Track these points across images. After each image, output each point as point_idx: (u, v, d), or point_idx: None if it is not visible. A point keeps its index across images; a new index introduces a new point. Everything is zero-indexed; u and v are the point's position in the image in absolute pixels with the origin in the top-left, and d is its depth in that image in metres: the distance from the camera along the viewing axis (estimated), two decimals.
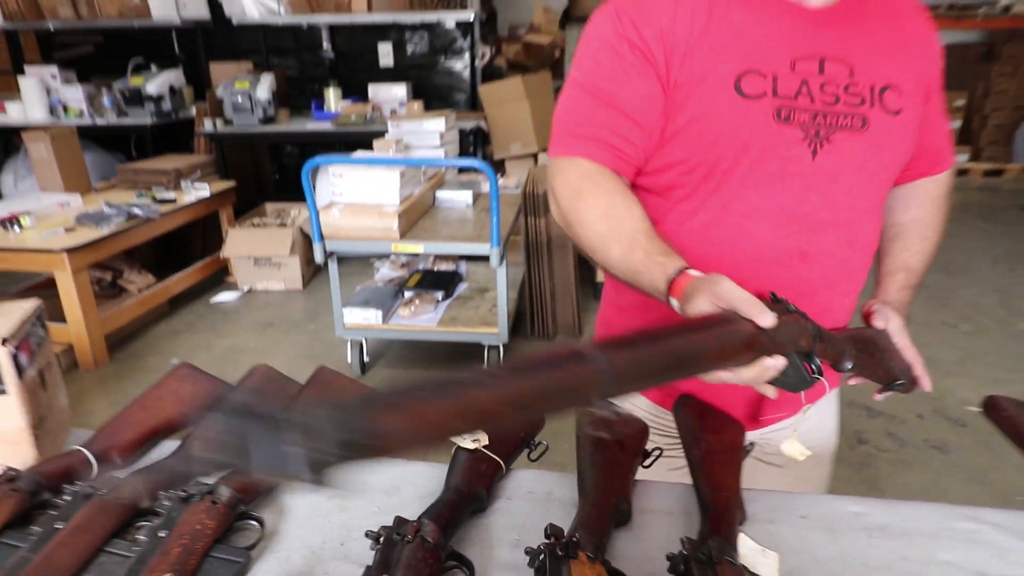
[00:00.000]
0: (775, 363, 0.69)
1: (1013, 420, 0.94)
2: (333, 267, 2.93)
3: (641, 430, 0.93)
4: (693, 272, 0.77)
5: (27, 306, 0.92)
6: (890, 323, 0.95)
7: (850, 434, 2.57)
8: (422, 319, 3.11)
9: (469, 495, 0.82)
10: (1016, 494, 2.20)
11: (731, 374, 0.69)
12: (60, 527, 0.72)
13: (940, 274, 4.32)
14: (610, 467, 0.86)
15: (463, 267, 3.65)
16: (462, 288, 3.45)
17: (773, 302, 0.74)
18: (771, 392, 0.74)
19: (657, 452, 0.93)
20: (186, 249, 4.43)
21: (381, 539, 0.70)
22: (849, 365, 0.83)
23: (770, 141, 0.89)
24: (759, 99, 0.88)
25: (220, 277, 4.33)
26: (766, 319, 0.67)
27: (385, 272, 3.61)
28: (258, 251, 4.11)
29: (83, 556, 0.70)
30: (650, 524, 0.83)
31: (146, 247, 3.98)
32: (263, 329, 3.73)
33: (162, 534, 0.71)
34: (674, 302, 0.76)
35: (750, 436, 1.00)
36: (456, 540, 0.77)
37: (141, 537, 0.72)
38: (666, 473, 0.94)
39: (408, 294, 3.26)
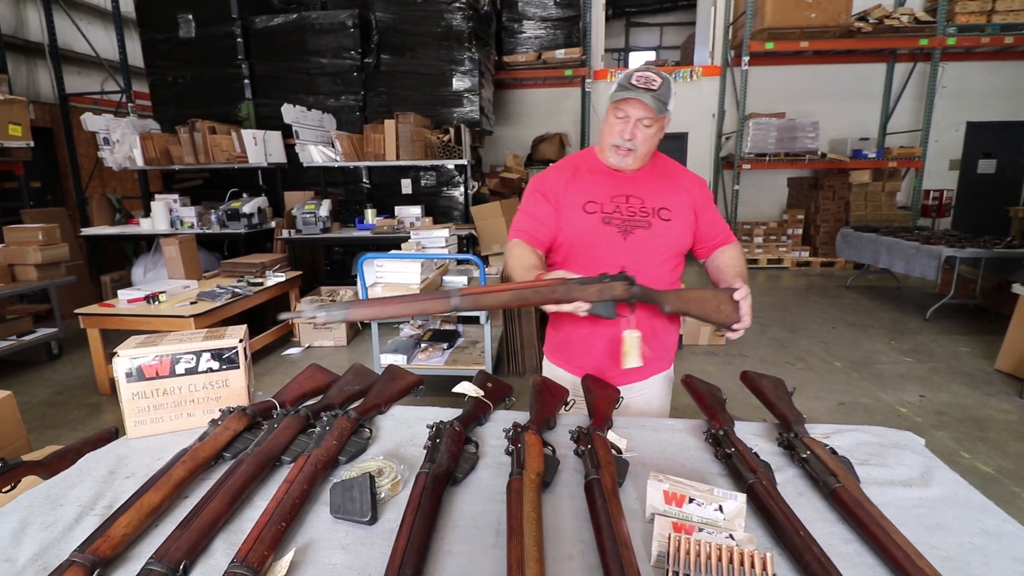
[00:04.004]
0: (580, 304, 1.08)
1: (756, 384, 1.34)
2: (375, 326, 3.28)
3: (564, 390, 1.33)
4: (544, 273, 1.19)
5: (243, 327, 1.30)
6: (741, 289, 1.27)
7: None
8: (433, 361, 3.39)
9: (476, 416, 1.20)
10: None
11: (555, 307, 1.09)
12: (276, 427, 1.10)
13: (786, 331, 4.72)
14: (546, 404, 1.22)
15: (460, 327, 3.91)
16: (460, 341, 3.72)
17: (617, 274, 1.12)
18: (581, 311, 1.10)
19: (572, 401, 1.33)
20: (264, 318, 4.69)
21: (435, 427, 1.09)
22: (667, 308, 1.22)
23: (601, 234, 1.36)
24: (593, 214, 1.37)
25: (287, 337, 4.59)
26: (569, 281, 1.09)
27: (407, 331, 3.92)
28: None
29: (289, 438, 1.07)
30: (565, 428, 1.17)
31: (238, 315, 4.27)
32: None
33: (327, 428, 1.09)
34: None
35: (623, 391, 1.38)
36: (469, 434, 1.14)
37: (316, 430, 1.09)
38: (578, 416, 1.32)
39: (423, 344, 3.56)
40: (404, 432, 1.20)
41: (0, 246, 4.16)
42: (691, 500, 0.85)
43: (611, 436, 1.11)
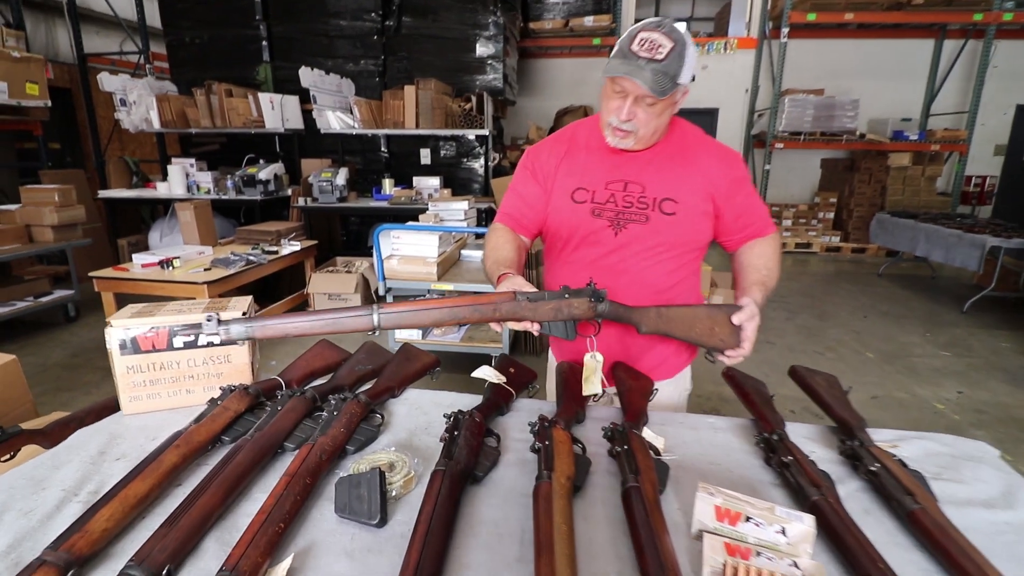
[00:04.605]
0: (532, 325, 0.96)
1: (808, 382, 1.21)
2: (390, 299, 3.20)
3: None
4: (510, 273, 1.05)
5: (248, 299, 1.21)
6: (745, 309, 1.05)
7: None
8: (449, 338, 3.30)
9: (497, 404, 1.10)
10: None
11: (499, 327, 1.04)
12: (280, 409, 1.01)
13: (814, 318, 4.54)
14: (574, 395, 1.11)
15: None
16: None
17: (584, 288, 0.98)
18: (533, 331, 0.98)
19: (600, 394, 1.22)
20: (279, 286, 4.63)
21: (452, 417, 0.98)
22: (643, 329, 1.04)
23: (589, 227, 1.18)
24: (583, 204, 1.19)
25: (303, 307, 4.47)
26: (519, 296, 0.94)
27: None
28: (331, 289, 4.31)
29: (293, 423, 0.98)
30: (595, 423, 1.07)
31: (253, 283, 4.21)
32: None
33: (335, 413, 1.00)
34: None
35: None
36: (490, 425, 1.04)
37: (323, 415, 1.00)
38: (605, 406, 1.21)
39: None
40: (418, 419, 1.10)
41: (17, 207, 4.13)
42: (748, 519, 0.73)
43: (647, 434, 1.00)
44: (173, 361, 1.08)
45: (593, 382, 1.09)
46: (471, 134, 5.16)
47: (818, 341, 4.08)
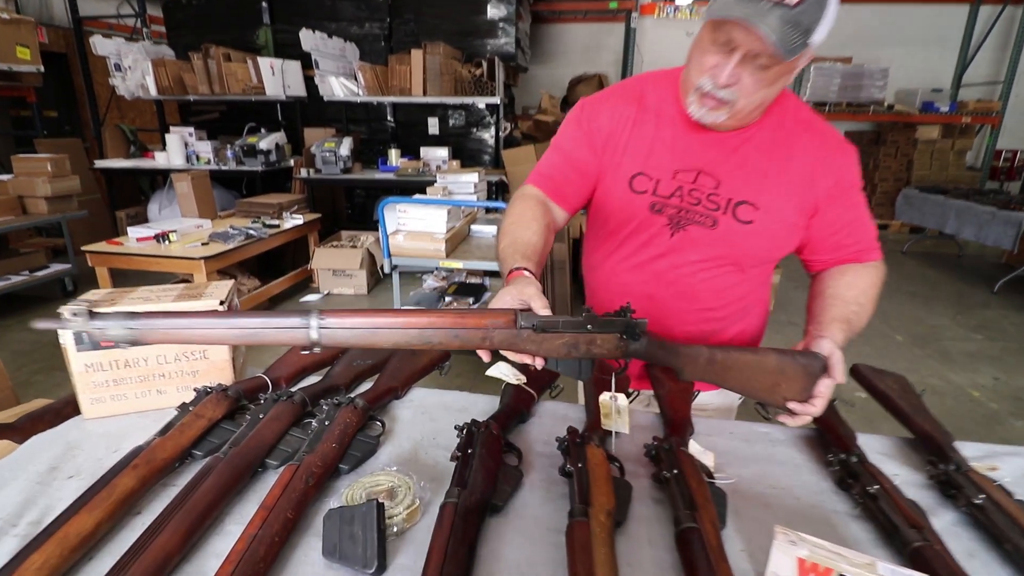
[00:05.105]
0: (535, 359, 0.69)
1: (877, 385, 1.05)
2: (396, 277, 3.04)
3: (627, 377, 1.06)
4: (525, 272, 0.77)
5: (229, 283, 1.05)
6: (831, 359, 0.80)
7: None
8: None
9: (516, 410, 0.94)
10: None
11: (487, 355, 0.72)
12: (261, 417, 0.86)
13: None
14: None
15: (487, 281, 3.68)
16: (487, 296, 3.46)
17: (619, 311, 0.70)
18: (536, 365, 0.70)
19: (636, 392, 1.07)
20: (281, 262, 4.48)
21: (465, 430, 0.83)
22: (686, 376, 0.77)
23: (643, 223, 0.96)
24: (642, 195, 0.95)
25: (306, 283, 4.39)
26: (543, 311, 0.68)
27: (430, 283, 3.70)
28: (336, 265, 4.20)
29: (277, 435, 0.83)
30: (632, 433, 0.92)
31: (253, 259, 4.05)
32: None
33: (326, 423, 0.85)
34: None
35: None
36: (509, 437, 0.88)
37: (314, 424, 0.85)
38: (642, 410, 1.04)
39: (448, 299, 3.32)
40: (425, 426, 0.95)
41: (9, 177, 3.98)
42: None
43: (694, 448, 0.84)
44: (140, 358, 0.93)
45: (617, 422, 0.89)
46: (481, 102, 4.94)
47: None
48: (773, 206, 0.92)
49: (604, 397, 0.89)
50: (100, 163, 5.14)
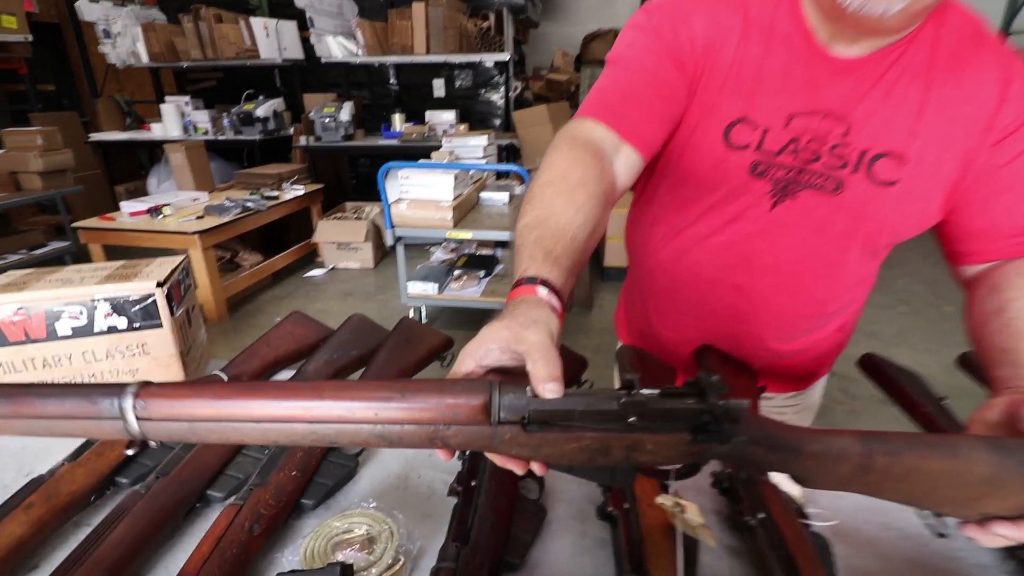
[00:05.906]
0: (535, 465, 0.39)
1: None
2: (400, 249, 2.84)
3: (671, 371, 0.86)
4: (541, 290, 0.45)
5: (176, 260, 0.86)
6: None
7: None
8: (468, 291, 2.99)
9: None
10: None
11: (446, 453, 0.40)
12: None
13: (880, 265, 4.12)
14: None
15: (499, 252, 3.50)
16: (499, 268, 3.29)
17: (691, 382, 0.38)
18: (537, 470, 0.40)
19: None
20: (284, 235, 4.32)
21: (466, 461, 0.63)
22: (812, 486, 0.42)
23: (737, 190, 0.70)
24: (742, 151, 0.68)
25: (311, 257, 4.23)
26: (548, 388, 0.36)
27: (439, 255, 3.51)
28: (340, 238, 4.02)
29: (224, 456, 0.65)
30: None
31: (255, 233, 3.88)
32: (344, 297, 3.67)
33: None
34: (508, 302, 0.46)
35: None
36: None
37: None
38: None
39: (457, 272, 3.14)
40: None
41: (0, 152, 3.82)
42: None
43: (774, 477, 0.63)
44: (61, 355, 0.75)
45: (699, 534, 0.51)
46: (489, 60, 4.63)
47: (887, 293, 3.61)
48: (927, 159, 0.63)
49: (660, 500, 0.54)
50: (95, 136, 4.97)
